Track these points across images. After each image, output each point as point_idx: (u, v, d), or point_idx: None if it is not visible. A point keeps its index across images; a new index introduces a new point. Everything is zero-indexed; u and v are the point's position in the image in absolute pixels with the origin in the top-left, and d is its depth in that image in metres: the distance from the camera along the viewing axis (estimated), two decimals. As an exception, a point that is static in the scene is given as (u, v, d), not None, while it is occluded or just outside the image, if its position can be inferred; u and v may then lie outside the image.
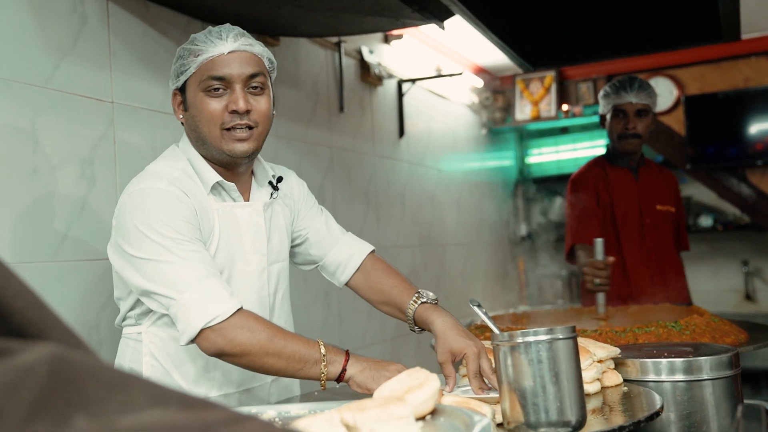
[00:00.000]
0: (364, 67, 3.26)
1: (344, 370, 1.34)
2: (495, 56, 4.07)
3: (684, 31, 2.75)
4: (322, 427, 0.71)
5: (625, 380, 1.38)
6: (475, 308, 1.35)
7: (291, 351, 1.32)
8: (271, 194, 1.56)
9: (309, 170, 2.81)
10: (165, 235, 1.33)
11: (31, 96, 1.73)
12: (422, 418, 0.86)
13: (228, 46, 1.41)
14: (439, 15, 2.20)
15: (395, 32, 3.45)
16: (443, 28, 2.29)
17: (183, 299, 1.30)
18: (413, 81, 3.64)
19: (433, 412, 0.87)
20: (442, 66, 4.01)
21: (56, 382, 0.37)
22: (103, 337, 1.87)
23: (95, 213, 1.87)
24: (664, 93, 4.39)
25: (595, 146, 4.92)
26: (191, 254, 1.33)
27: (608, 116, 2.77)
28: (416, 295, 1.54)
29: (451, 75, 3.88)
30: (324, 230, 1.67)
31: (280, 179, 1.58)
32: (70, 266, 1.79)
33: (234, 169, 1.49)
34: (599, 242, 2.29)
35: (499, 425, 1.11)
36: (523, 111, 4.77)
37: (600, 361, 1.36)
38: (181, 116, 1.49)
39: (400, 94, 3.60)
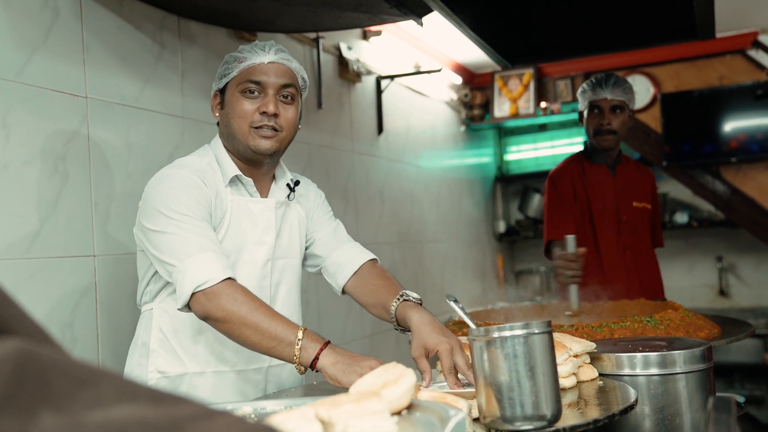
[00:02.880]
0: (342, 63, 3.25)
1: (317, 358, 1.36)
2: (473, 53, 4.08)
3: (660, 29, 2.77)
4: (296, 422, 0.71)
5: (600, 374, 1.40)
6: (452, 303, 1.36)
7: (268, 327, 1.38)
8: (288, 195, 1.69)
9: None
10: (177, 210, 1.47)
11: (2, 90, 1.70)
12: (398, 413, 0.86)
13: (269, 57, 1.59)
14: (417, 11, 2.20)
15: (374, 28, 3.44)
16: (421, 25, 2.29)
17: (182, 266, 1.42)
18: (392, 77, 3.64)
19: (409, 407, 0.87)
20: (420, 62, 4.01)
21: (22, 377, 0.36)
22: (77, 335, 1.85)
23: (68, 210, 1.84)
24: (641, 90, 4.44)
25: (573, 143, 4.96)
26: (197, 229, 1.47)
27: (585, 113, 2.79)
28: (400, 294, 1.58)
29: (429, 72, 3.89)
30: (331, 233, 1.77)
31: (297, 182, 1.73)
32: (42, 263, 1.77)
33: (256, 167, 1.63)
34: (570, 239, 2.35)
35: (476, 420, 1.12)
36: (501, 108, 4.80)
37: (576, 356, 1.37)
38: (218, 114, 1.64)
39: (379, 91, 3.60)
